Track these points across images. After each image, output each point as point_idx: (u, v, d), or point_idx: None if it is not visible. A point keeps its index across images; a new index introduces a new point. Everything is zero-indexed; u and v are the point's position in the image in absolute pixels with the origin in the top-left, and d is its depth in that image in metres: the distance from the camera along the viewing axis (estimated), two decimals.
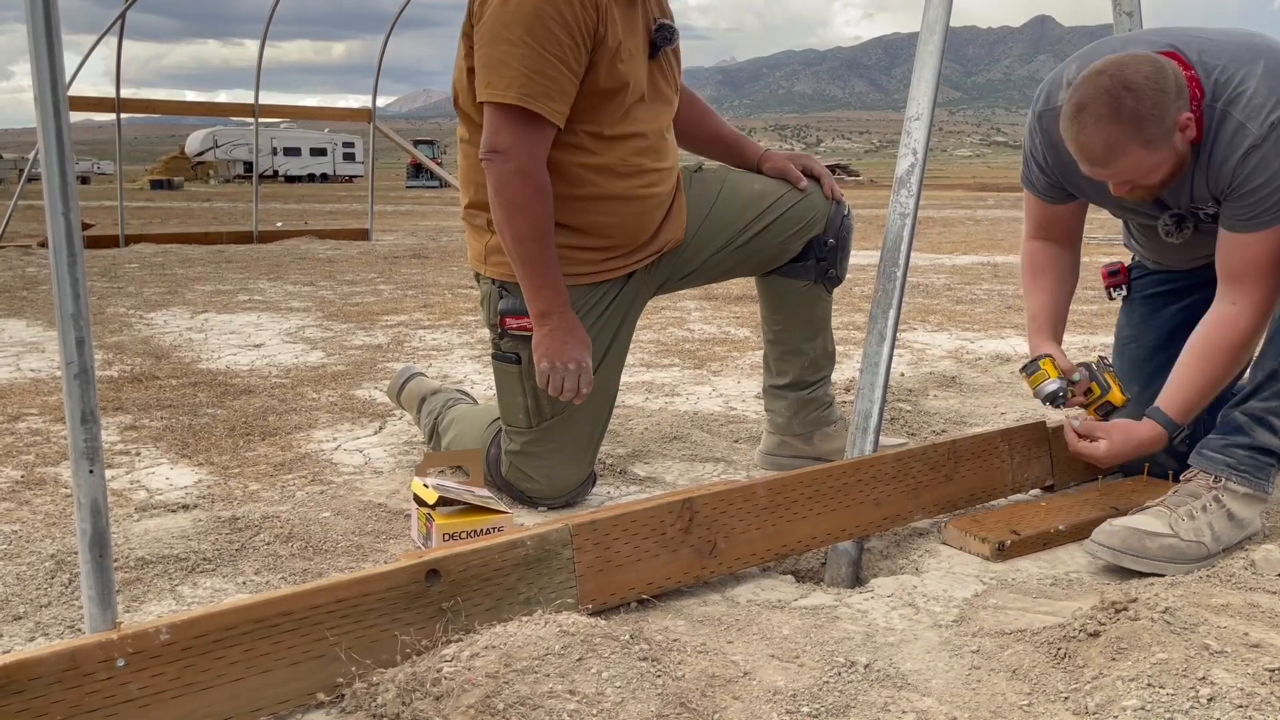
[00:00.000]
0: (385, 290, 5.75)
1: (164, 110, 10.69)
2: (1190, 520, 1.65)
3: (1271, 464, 1.72)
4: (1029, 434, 1.99)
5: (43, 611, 1.50)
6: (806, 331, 2.19)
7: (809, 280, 2.14)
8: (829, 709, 1.19)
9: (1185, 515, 1.66)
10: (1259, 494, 1.70)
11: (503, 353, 1.97)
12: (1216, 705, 1.11)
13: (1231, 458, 1.71)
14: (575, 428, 1.98)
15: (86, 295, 1.06)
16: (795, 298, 2.17)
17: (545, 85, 1.78)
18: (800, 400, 2.22)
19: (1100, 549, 1.64)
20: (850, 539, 1.68)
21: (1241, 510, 1.69)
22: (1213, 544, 1.65)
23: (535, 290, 1.86)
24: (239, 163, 49.19)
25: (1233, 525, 1.68)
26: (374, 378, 3.27)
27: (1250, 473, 1.70)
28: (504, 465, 2.00)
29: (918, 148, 1.93)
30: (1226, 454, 1.72)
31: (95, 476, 1.07)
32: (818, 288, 2.16)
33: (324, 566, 1.68)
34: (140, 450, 2.39)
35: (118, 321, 4.51)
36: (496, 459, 2.02)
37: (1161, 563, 1.61)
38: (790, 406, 2.23)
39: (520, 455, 1.98)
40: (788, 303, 2.18)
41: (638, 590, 1.47)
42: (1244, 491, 1.69)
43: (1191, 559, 1.62)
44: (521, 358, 1.94)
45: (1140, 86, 1.62)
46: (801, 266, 2.13)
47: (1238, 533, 1.69)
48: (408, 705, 1.15)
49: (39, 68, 1.02)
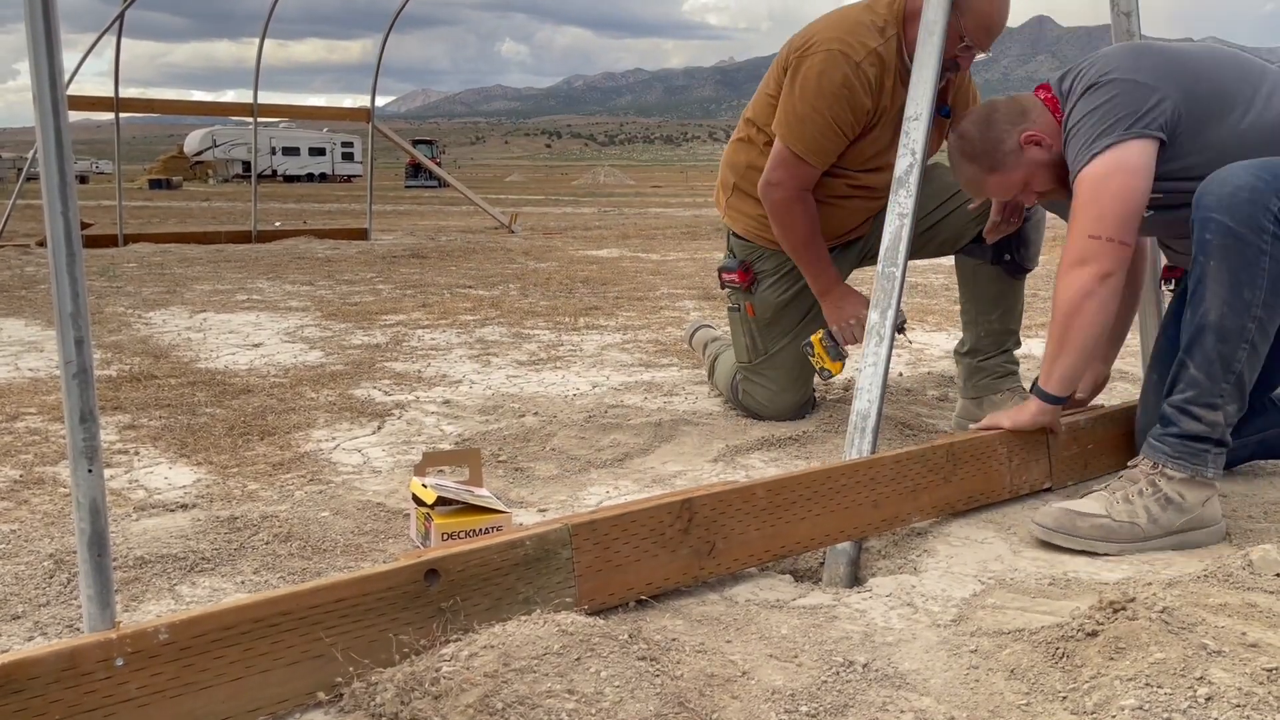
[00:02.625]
0: (384, 290, 5.75)
1: (163, 110, 10.68)
2: (1125, 503, 1.76)
3: (1205, 448, 1.78)
4: (1027, 436, 1.99)
5: (41, 611, 1.49)
6: (983, 305, 2.59)
7: (984, 260, 2.52)
8: (827, 708, 1.19)
9: (1121, 499, 1.77)
10: (1197, 478, 1.77)
11: (731, 305, 2.70)
12: (1214, 705, 1.11)
13: (1167, 445, 1.80)
14: (785, 363, 2.62)
15: (85, 295, 1.06)
16: (975, 275, 2.59)
17: (822, 144, 2.36)
18: (972, 367, 2.62)
19: (1036, 528, 1.78)
20: (849, 540, 1.68)
21: (1181, 494, 1.76)
22: (1149, 525, 1.75)
23: (813, 279, 2.52)
24: (238, 162, 49.14)
25: (1172, 509, 1.76)
26: (372, 377, 3.27)
27: (1186, 458, 1.78)
28: (739, 390, 2.69)
29: (916, 148, 1.94)
30: (1163, 442, 1.80)
31: (94, 476, 1.07)
32: (995, 269, 2.53)
33: (322, 566, 1.68)
34: (139, 450, 2.39)
35: (116, 321, 4.51)
36: (735, 386, 2.72)
37: (1091, 541, 1.73)
38: (966, 371, 2.64)
39: (747, 381, 2.68)
40: (969, 279, 2.61)
41: (636, 590, 1.48)
42: (1180, 476, 1.77)
43: (1123, 539, 1.73)
44: (740, 306, 2.66)
45: (968, 132, 2.03)
46: (979, 248, 2.50)
47: (1178, 516, 1.76)
48: (406, 705, 1.15)
49: (38, 67, 1.02)
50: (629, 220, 13.73)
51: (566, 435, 2.51)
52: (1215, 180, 1.73)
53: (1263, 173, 1.71)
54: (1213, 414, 1.76)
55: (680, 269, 6.98)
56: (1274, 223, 1.68)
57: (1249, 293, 1.70)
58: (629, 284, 5.98)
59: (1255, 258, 1.69)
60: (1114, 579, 1.62)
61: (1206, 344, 1.74)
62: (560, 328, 4.34)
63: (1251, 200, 1.68)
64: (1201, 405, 1.76)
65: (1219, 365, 1.74)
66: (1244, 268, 1.70)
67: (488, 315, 4.70)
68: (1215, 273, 1.72)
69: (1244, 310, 1.71)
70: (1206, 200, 1.73)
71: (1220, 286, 1.72)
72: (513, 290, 5.70)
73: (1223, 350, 1.73)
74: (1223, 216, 1.70)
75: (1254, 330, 1.72)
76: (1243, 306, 1.71)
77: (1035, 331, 4.25)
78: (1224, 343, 1.73)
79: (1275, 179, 1.70)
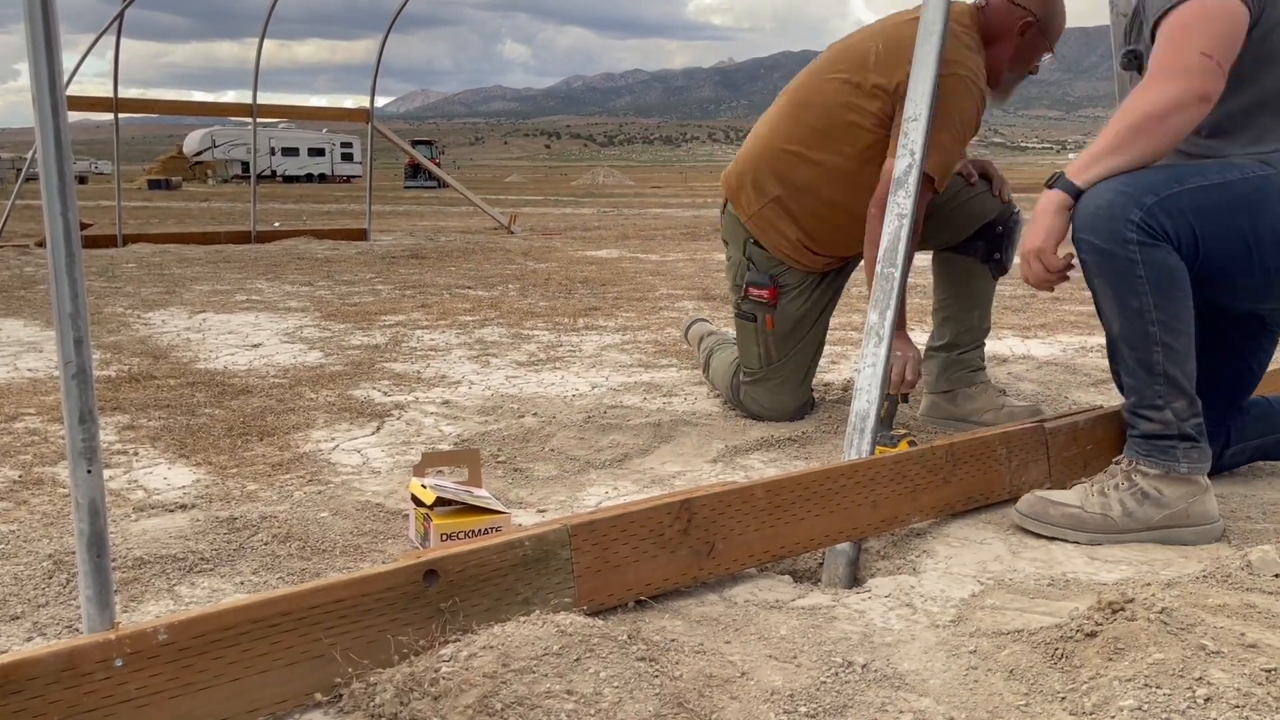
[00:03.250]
0: (383, 290, 5.75)
1: (162, 110, 10.67)
2: (1100, 496, 1.82)
3: (1170, 444, 1.81)
4: (1027, 436, 1.99)
5: (40, 611, 1.49)
6: (966, 302, 2.66)
7: (975, 258, 2.60)
8: (826, 709, 1.19)
9: (1097, 491, 1.83)
10: (1172, 473, 1.81)
11: (744, 312, 2.67)
12: (1213, 705, 1.11)
13: (1136, 445, 1.85)
14: (790, 368, 2.66)
15: (84, 295, 1.06)
16: (961, 272, 2.64)
17: (949, 167, 2.35)
18: (948, 360, 2.67)
19: (1015, 514, 1.86)
20: (848, 540, 1.68)
21: (1160, 489, 1.80)
22: (1123, 518, 1.79)
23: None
24: (237, 163, 49.14)
25: (1149, 503, 1.80)
26: (371, 378, 3.27)
27: (1156, 455, 1.82)
28: (741, 392, 2.72)
29: (915, 149, 1.94)
30: (1134, 442, 1.86)
31: (93, 476, 1.07)
32: (982, 266, 2.62)
33: (322, 566, 1.68)
34: (138, 450, 2.39)
35: (115, 321, 4.51)
36: (736, 387, 2.74)
37: (1061, 529, 1.80)
38: (940, 365, 2.68)
39: (751, 385, 2.70)
40: (955, 276, 2.65)
41: (636, 591, 1.47)
42: (1155, 472, 1.81)
43: (1092, 529, 1.79)
44: (758, 318, 2.64)
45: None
46: (971, 245, 2.60)
47: (1157, 511, 1.80)
48: (405, 705, 1.15)
49: (37, 67, 1.02)
50: (628, 221, 13.73)
51: (565, 436, 2.51)
52: (1081, 204, 1.77)
53: (1124, 187, 1.73)
54: (1160, 414, 1.80)
55: (679, 269, 6.98)
56: (1136, 230, 1.71)
57: (1135, 301, 1.74)
58: (628, 285, 5.98)
59: (1129, 268, 1.73)
60: (1113, 580, 1.62)
61: (1123, 354, 1.81)
62: (559, 328, 4.34)
63: (1110, 216, 1.72)
64: (1146, 407, 1.81)
65: (1142, 370, 1.79)
66: (1121, 280, 1.74)
67: (487, 316, 4.70)
68: (1101, 290, 1.78)
69: (1137, 317, 1.75)
70: (1077, 224, 1.77)
71: (1110, 301, 1.78)
72: (512, 291, 5.70)
73: (1139, 356, 1.79)
74: (1089, 236, 1.75)
75: (1159, 332, 1.76)
76: (1135, 315, 1.75)
77: (1034, 332, 4.25)
78: (1135, 349, 1.78)
79: (1136, 189, 1.73)
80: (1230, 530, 1.85)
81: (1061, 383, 3.23)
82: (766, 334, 2.64)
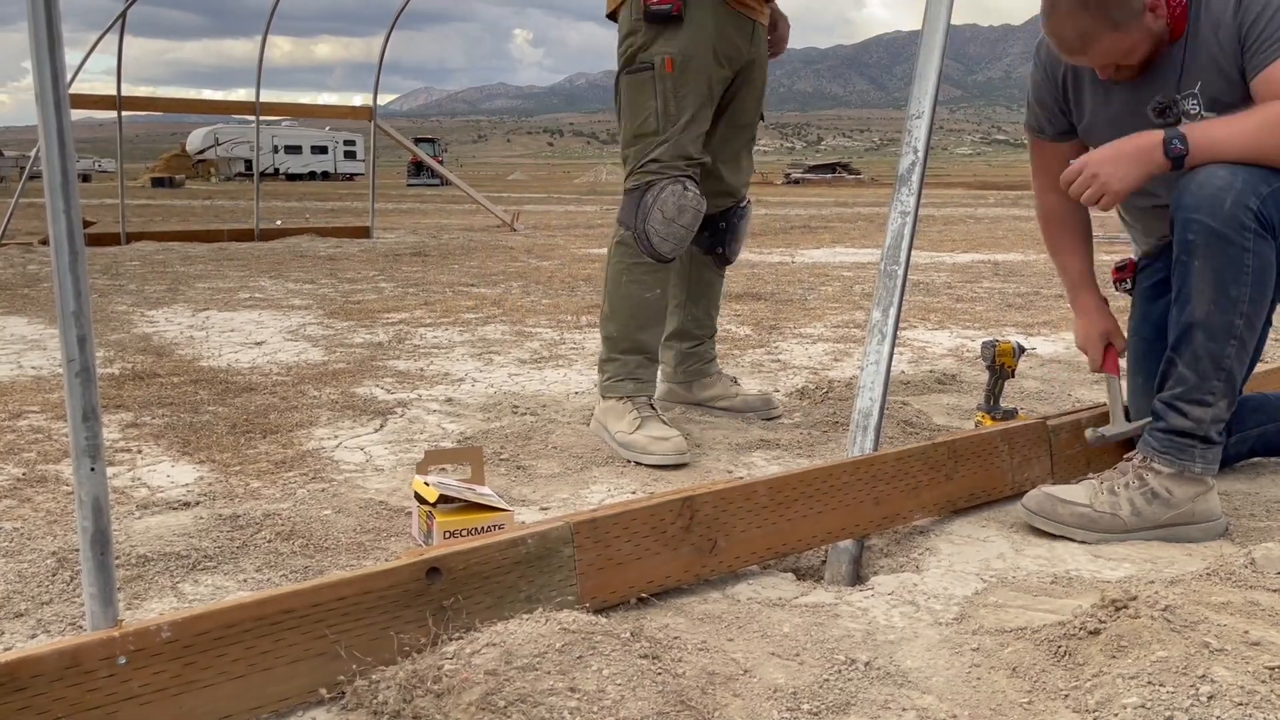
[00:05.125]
0: (386, 288, 5.75)
1: (165, 108, 10.68)
2: (1110, 494, 1.79)
3: (1192, 444, 1.80)
4: (1029, 433, 1.99)
5: (44, 609, 1.50)
6: (694, 291, 2.69)
7: (700, 249, 2.61)
8: (829, 706, 1.19)
9: (1107, 490, 1.80)
10: (1186, 473, 1.79)
11: (638, 65, 2.30)
12: (1216, 703, 1.11)
13: (1155, 440, 1.83)
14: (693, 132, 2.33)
15: (88, 293, 1.06)
16: (689, 264, 2.65)
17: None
18: (682, 353, 2.72)
19: (1022, 510, 1.83)
20: (850, 538, 1.68)
21: (1169, 489, 1.79)
22: (1131, 518, 1.77)
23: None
24: (240, 160, 49.19)
25: (1158, 503, 1.78)
26: (374, 375, 3.27)
27: (1173, 453, 1.80)
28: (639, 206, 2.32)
29: (919, 146, 1.93)
30: (1152, 437, 1.83)
31: (96, 474, 1.07)
32: (706, 257, 2.64)
33: (325, 564, 1.68)
34: (141, 448, 2.39)
35: (119, 319, 4.52)
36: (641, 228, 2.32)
37: (1070, 528, 1.78)
38: (675, 357, 2.72)
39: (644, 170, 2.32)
40: (684, 268, 2.65)
41: (638, 588, 1.48)
42: (1168, 471, 1.79)
43: (1103, 528, 1.77)
44: (654, 65, 2.28)
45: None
46: (698, 236, 2.52)
47: (1165, 510, 1.78)
48: (409, 703, 1.15)
49: (40, 66, 1.02)
50: None
51: (568, 433, 2.51)
52: (1194, 181, 1.74)
53: (1240, 172, 1.72)
54: (1201, 410, 1.78)
55: None
56: (1254, 220, 1.70)
57: (1235, 289, 1.72)
58: None
59: (1238, 255, 1.71)
60: (1116, 577, 1.62)
61: (1195, 341, 1.76)
62: (562, 326, 4.34)
63: (1232, 200, 1.70)
64: (1189, 401, 1.78)
65: (1208, 362, 1.76)
66: (1228, 265, 1.72)
67: (490, 313, 4.71)
68: (1200, 271, 1.74)
69: (1230, 307, 1.73)
70: (1187, 200, 1.74)
71: (1206, 285, 1.74)
72: (515, 288, 5.70)
73: (1211, 347, 1.75)
74: (1204, 216, 1.72)
75: (1241, 326, 1.74)
76: (1229, 304, 1.73)
77: (1038, 330, 4.25)
78: (1212, 340, 1.75)
79: (1251, 178, 1.71)
80: (1234, 528, 1.85)
81: (1065, 380, 3.23)
82: (665, 79, 2.28)
